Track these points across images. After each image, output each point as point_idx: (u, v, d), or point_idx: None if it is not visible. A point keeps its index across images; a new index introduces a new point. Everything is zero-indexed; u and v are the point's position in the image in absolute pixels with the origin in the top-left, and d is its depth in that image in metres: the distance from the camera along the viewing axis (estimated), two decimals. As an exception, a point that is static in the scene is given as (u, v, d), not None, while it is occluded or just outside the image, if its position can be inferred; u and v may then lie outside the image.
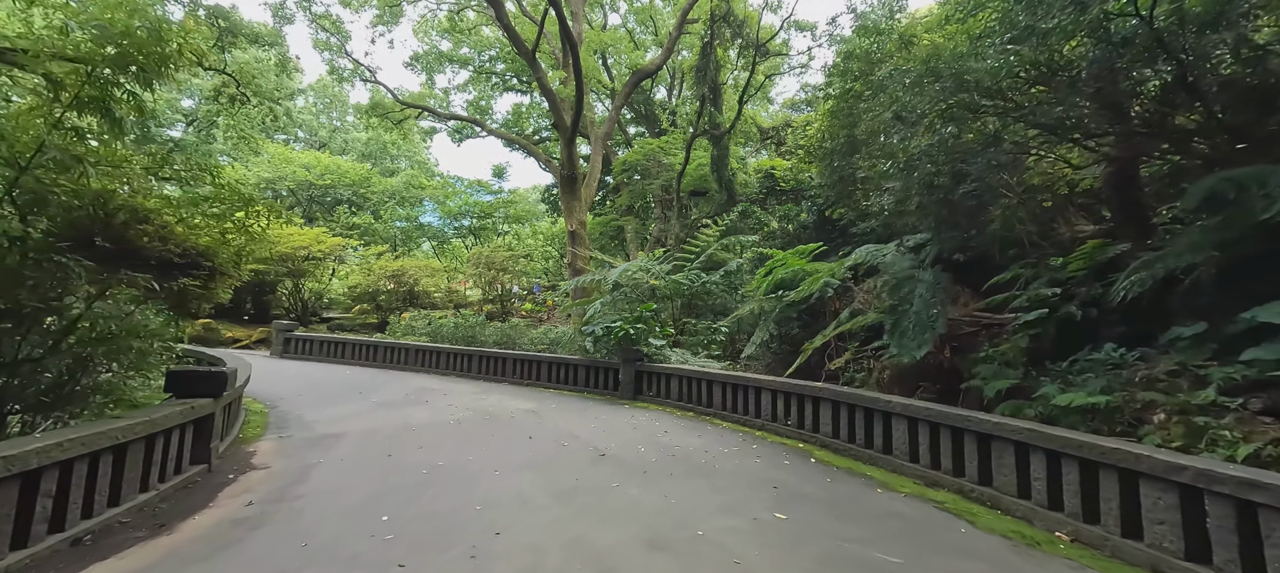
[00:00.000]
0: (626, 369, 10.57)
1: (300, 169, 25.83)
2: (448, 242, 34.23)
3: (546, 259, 31.79)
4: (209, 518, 3.96)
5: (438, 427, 7.55)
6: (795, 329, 11.55)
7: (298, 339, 15.93)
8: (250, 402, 9.24)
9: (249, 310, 21.32)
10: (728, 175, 17.82)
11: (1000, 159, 5.70)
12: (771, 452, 6.54)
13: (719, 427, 8.03)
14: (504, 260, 23.99)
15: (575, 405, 9.62)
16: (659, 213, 24.08)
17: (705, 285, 13.21)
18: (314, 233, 19.78)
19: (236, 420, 7.11)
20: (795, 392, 7.34)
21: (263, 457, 5.83)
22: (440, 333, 16.54)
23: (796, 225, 14.34)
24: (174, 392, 5.03)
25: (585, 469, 5.54)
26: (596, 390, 11.14)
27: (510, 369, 12.64)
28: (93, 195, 3.80)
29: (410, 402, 9.58)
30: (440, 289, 24.38)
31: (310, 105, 37.05)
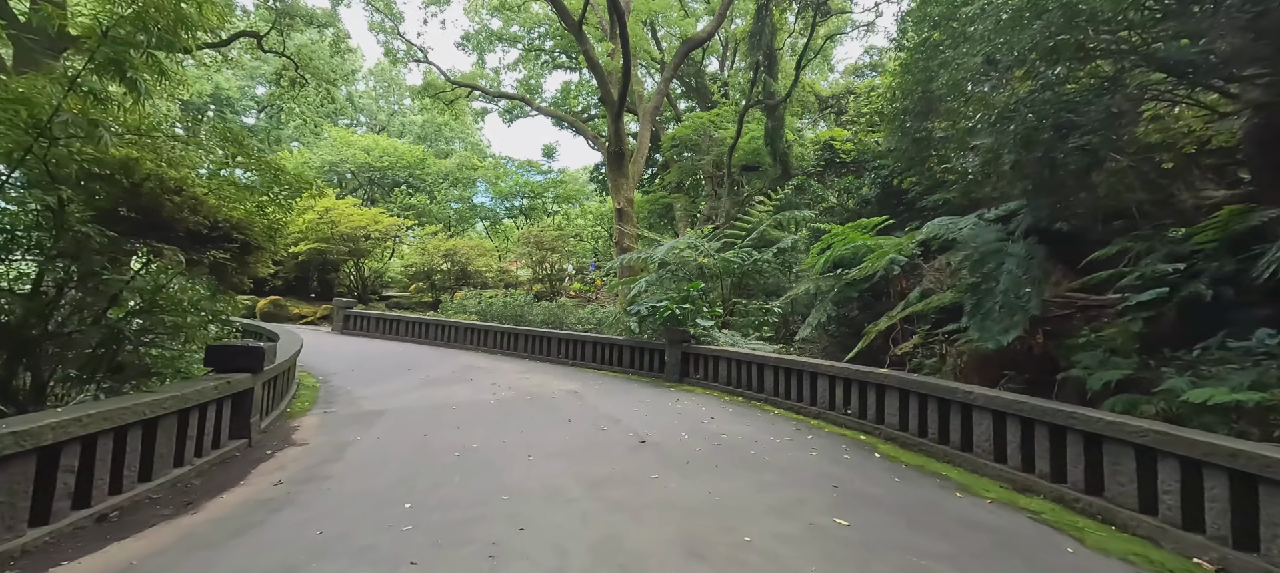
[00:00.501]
0: (672, 351, 10.13)
1: (360, 152, 26.72)
2: (499, 222, 34.78)
3: (596, 239, 31.69)
4: (236, 497, 3.86)
5: (477, 406, 7.40)
6: (855, 310, 10.71)
7: (356, 316, 16.47)
8: (305, 376, 9.49)
9: (315, 288, 22.37)
10: (782, 148, 16.82)
11: (1123, 106, 4.74)
12: (829, 444, 5.94)
13: (770, 414, 7.46)
14: (552, 240, 24.00)
15: (618, 387, 9.29)
16: (709, 190, 23.28)
17: (757, 264, 12.51)
18: (371, 214, 20.38)
19: (285, 395, 7.22)
20: (857, 378, 6.66)
21: (304, 433, 5.82)
22: (489, 312, 16.67)
23: (858, 200, 13.30)
24: (213, 366, 5.02)
25: (623, 457, 5.16)
26: (641, 372, 10.78)
27: (555, 349, 12.48)
28: (117, 164, 3.72)
29: (455, 380, 9.55)
30: (491, 269, 24.75)
31: (370, 90, 38.32)
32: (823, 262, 8.73)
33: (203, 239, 4.31)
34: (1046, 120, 4.90)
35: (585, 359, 11.86)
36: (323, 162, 26.54)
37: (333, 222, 19.17)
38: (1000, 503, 4.29)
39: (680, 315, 10.09)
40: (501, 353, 13.40)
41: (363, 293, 21.46)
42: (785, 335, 12.06)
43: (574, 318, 15.62)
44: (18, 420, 2.91)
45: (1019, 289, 5.45)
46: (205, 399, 4.34)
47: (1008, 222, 6.74)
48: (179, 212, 4.02)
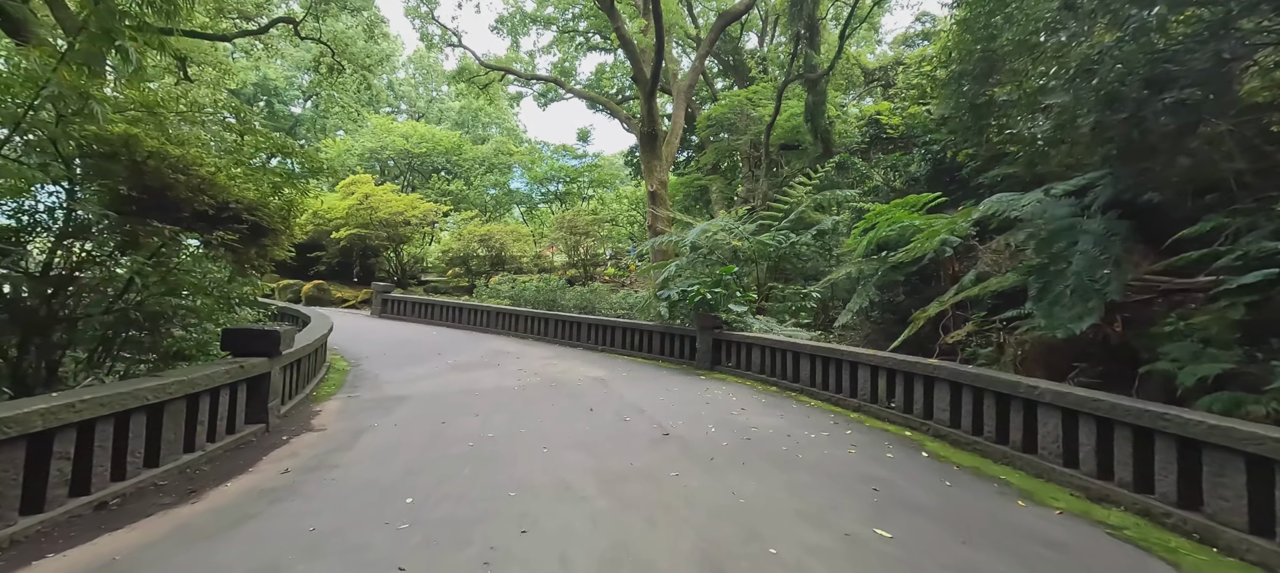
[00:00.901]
0: (703, 337, 9.72)
1: (400, 138, 27.18)
2: (535, 207, 34.90)
3: (631, 224, 31.35)
4: (240, 486, 3.75)
5: (500, 393, 7.24)
6: (900, 296, 10.01)
7: (394, 300, 16.75)
8: (337, 359, 9.59)
9: (358, 273, 22.96)
10: (824, 124, 15.95)
11: (1237, 50, 3.99)
12: (871, 440, 5.44)
13: (806, 406, 6.99)
14: (586, 225, 23.80)
15: (646, 374, 8.98)
16: (746, 171, 22.50)
17: (794, 247, 11.89)
18: (409, 199, 20.65)
19: (313, 377, 7.24)
20: (903, 369, 6.10)
21: (324, 418, 5.76)
22: (522, 296, 16.64)
23: (906, 178, 12.43)
24: (230, 350, 4.97)
25: (644, 451, 4.84)
26: (671, 359, 10.43)
27: (585, 334, 12.27)
28: (118, 141, 3.62)
29: (482, 364, 9.46)
30: (527, 254, 24.81)
31: (409, 78, 38.98)
32: (866, 243, 8.11)
33: (210, 220, 4.21)
34: (1136, 73, 4.19)
35: (615, 345, 11.61)
36: (364, 149, 27.14)
37: (372, 207, 19.53)
38: (1072, 515, 3.74)
39: (712, 300, 9.66)
40: (532, 338, 13.31)
41: (402, 278, 21.87)
42: (824, 322, 11.45)
43: (606, 303, 15.39)
44: (6, 406, 2.82)
45: (1095, 271, 4.78)
46: (216, 384, 4.26)
47: (1082, 196, 5.98)
48: (184, 191, 3.91)
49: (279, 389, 5.34)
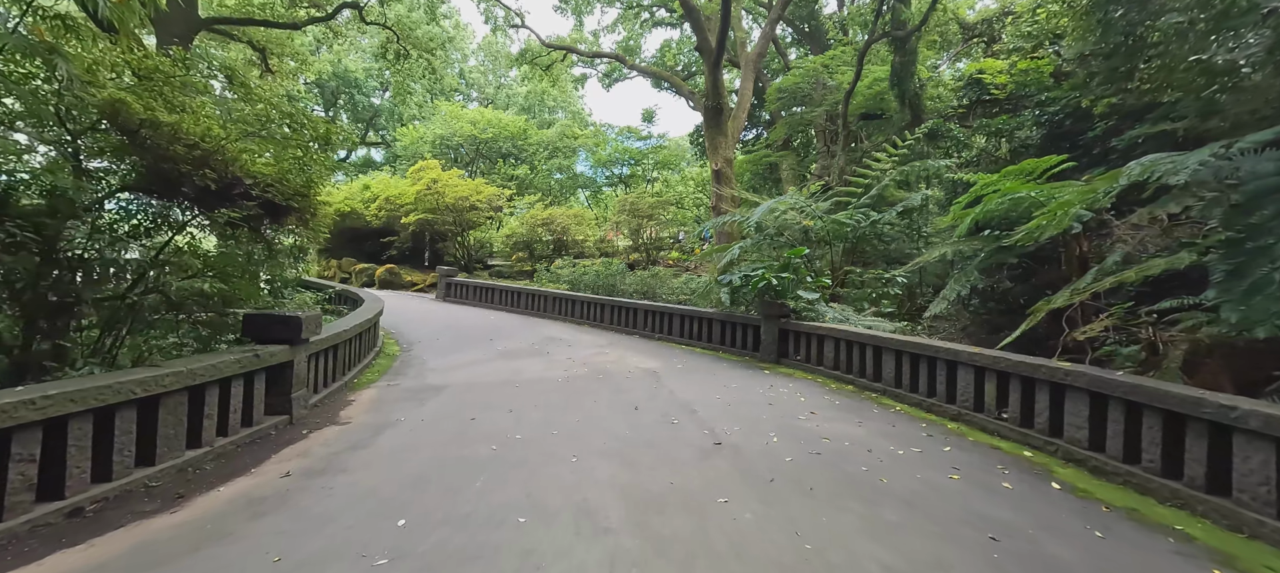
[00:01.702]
0: (768, 327, 8.74)
1: (468, 125, 27.64)
2: (600, 191, 34.61)
3: (696, 206, 30.31)
4: (232, 492, 3.38)
5: (542, 385, 6.71)
6: (1007, 281, 8.52)
7: (456, 284, 16.91)
8: (390, 343, 9.52)
9: (428, 258, 23.65)
10: (913, 88, 14.16)
11: None
12: (978, 461, 4.36)
13: (889, 410, 5.91)
14: (649, 207, 23.08)
15: (702, 367, 8.15)
16: (821, 146, 20.79)
17: (875, 226, 10.53)
18: (474, 184, 20.84)
19: (357, 364, 7.05)
20: (1019, 373, 4.89)
21: (355, 408, 5.45)
22: (581, 281, 16.24)
23: (1015, 144, 10.69)
24: (252, 336, 4.70)
25: (689, 465, 4.07)
26: (732, 350, 9.53)
27: (641, 320, 11.60)
28: (104, 106, 3.32)
29: (531, 352, 9.03)
30: (590, 238, 24.51)
31: (479, 65, 39.75)
32: (969, 220, 6.79)
33: (215, 197, 3.89)
34: None
35: (672, 333, 10.85)
36: (434, 136, 27.86)
37: (439, 192, 19.86)
38: (1304, 602, 2.58)
39: (778, 286, 8.65)
40: (588, 324, 12.83)
41: (468, 263, 22.24)
42: (910, 312, 10.08)
43: (667, 288, 14.65)
44: (-51, 403, 2.51)
45: (1322, 248, 3.41)
46: (222, 374, 3.95)
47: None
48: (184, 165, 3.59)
49: (305, 378, 5.05)
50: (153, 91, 3.55)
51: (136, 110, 3.37)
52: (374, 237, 21.40)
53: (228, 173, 3.94)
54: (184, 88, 3.96)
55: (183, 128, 3.54)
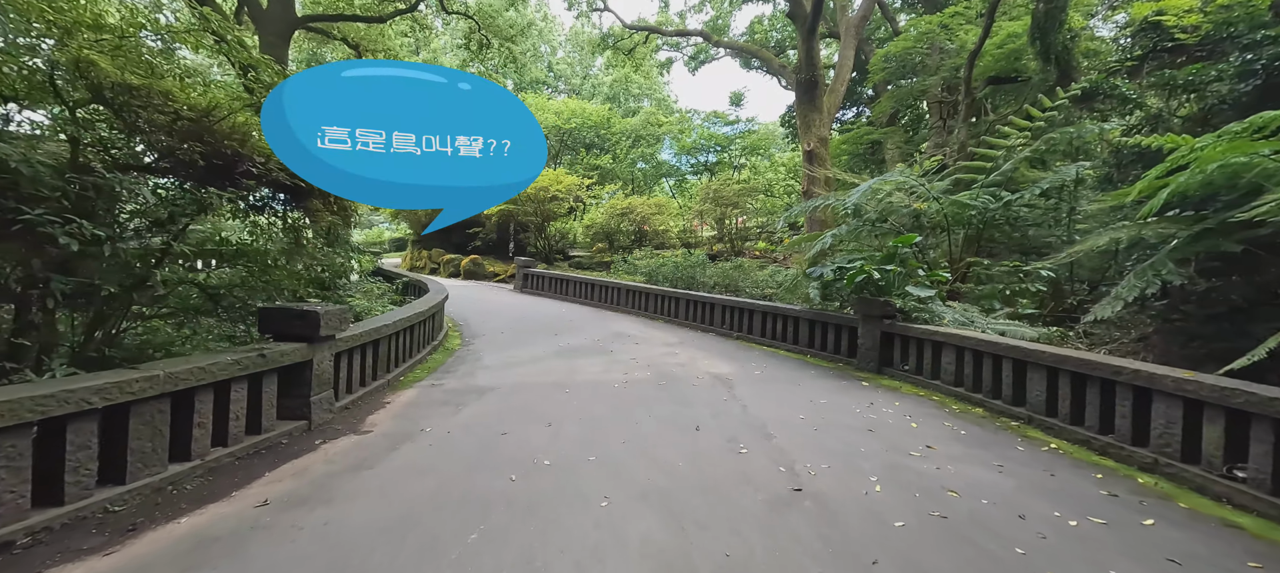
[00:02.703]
0: (868, 329, 7.31)
1: (552, 115, 27.71)
2: (684, 179, 33.49)
3: (786, 193, 28.35)
4: (190, 525, 2.86)
5: (595, 391, 5.91)
6: (1213, 279, 6.41)
7: (533, 275, 16.75)
8: (453, 337, 9.24)
9: (512, 250, 24.01)
10: (1061, 42, 11.61)
11: None
12: (1204, 541, 2.88)
13: (1041, 449, 4.40)
14: (734, 194, 21.68)
15: (785, 375, 6.93)
16: (934, 121, 18.19)
17: (1008, 209, 8.57)
18: (554, 174, 20.67)
19: (406, 359, 6.68)
20: (1273, 414, 3.27)
21: (386, 413, 4.96)
22: (659, 273, 15.40)
23: (1211, 100, 8.23)
24: (271, 332, 4.30)
25: (754, 527, 3.02)
26: (822, 355, 8.16)
27: (719, 317, 10.49)
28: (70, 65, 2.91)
29: (593, 350, 8.30)
30: (671, 228, 23.58)
31: (567, 57, 40.04)
32: (1165, 195, 4.96)
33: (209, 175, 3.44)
34: None
35: (753, 332, 9.65)
36: (520, 129, 28.27)
37: (519, 184, 19.87)
38: None
39: (881, 280, 7.20)
40: (662, 319, 11.93)
41: (548, 254, 22.19)
42: (1059, 314, 8.10)
43: (750, 281, 13.39)
44: None
45: None
46: (217, 377, 3.50)
47: None
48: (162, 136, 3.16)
49: (330, 379, 4.61)
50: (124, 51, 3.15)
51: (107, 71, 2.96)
52: (461, 228, 21.95)
53: (224, 148, 3.49)
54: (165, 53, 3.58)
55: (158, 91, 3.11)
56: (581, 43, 36.48)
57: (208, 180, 3.63)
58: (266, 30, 12.31)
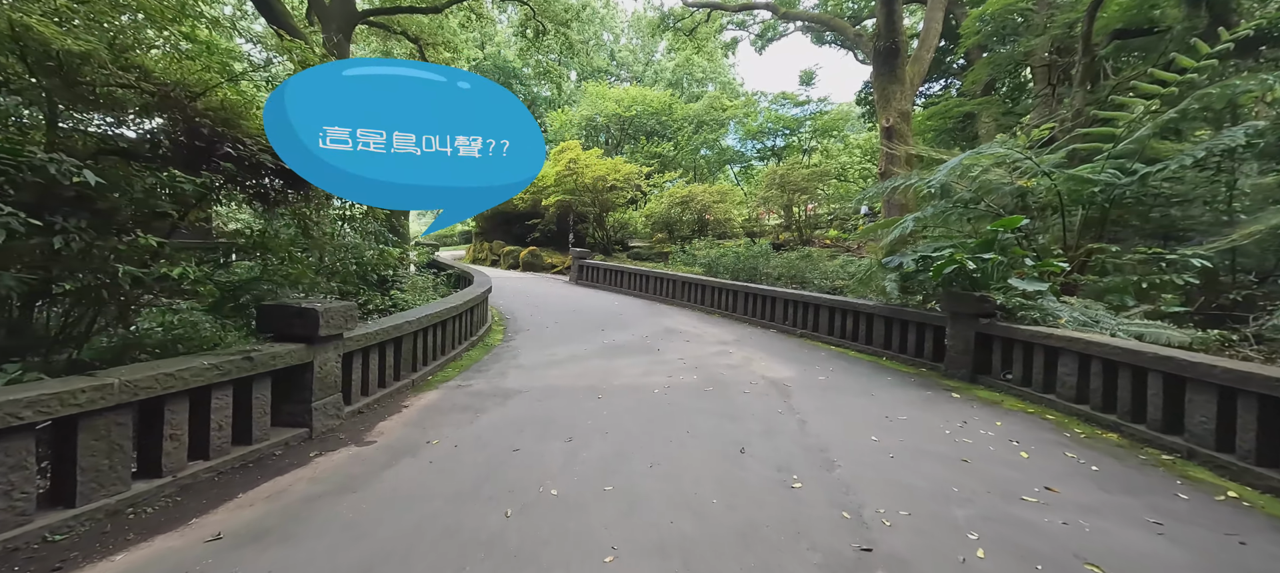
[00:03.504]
0: (958, 329, 6.15)
1: (612, 104, 27.24)
2: (749, 165, 31.98)
3: (862, 178, 26.31)
4: (121, 566, 2.47)
5: (632, 398, 5.25)
6: None
7: (588, 267, 16.35)
8: (496, 332, 8.91)
9: (571, 241, 23.85)
10: (1209, -23, 9.48)
11: None
12: None
13: (1219, 502, 3.24)
14: (802, 179, 20.18)
15: (855, 383, 5.93)
16: (1041, 88, 15.86)
17: (1145, 183, 6.95)
18: (611, 163, 20.15)
19: (438, 356, 6.34)
20: None
21: (396, 422, 4.55)
22: (719, 264, 14.47)
23: None
24: (272, 332, 3.98)
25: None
26: (901, 358, 7.04)
27: (781, 312, 9.52)
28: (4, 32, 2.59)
29: (639, 348, 7.64)
30: (735, 217, 22.43)
31: (628, 44, 39.40)
32: None
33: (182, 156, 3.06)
34: None
35: (819, 330, 8.62)
36: (581, 118, 27.98)
37: (576, 172, 19.53)
38: None
39: (976, 272, 6.01)
40: (720, 313, 11.09)
41: (607, 244, 21.77)
42: (1211, 312, 6.50)
43: (819, 273, 12.19)
44: None
45: None
46: (191, 383, 3.16)
47: None
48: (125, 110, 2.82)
49: (336, 382, 4.25)
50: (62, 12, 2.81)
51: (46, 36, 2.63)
52: (521, 220, 22.03)
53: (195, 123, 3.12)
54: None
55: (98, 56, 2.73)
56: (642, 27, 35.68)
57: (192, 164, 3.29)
58: (330, 26, 12.59)
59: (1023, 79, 19.08)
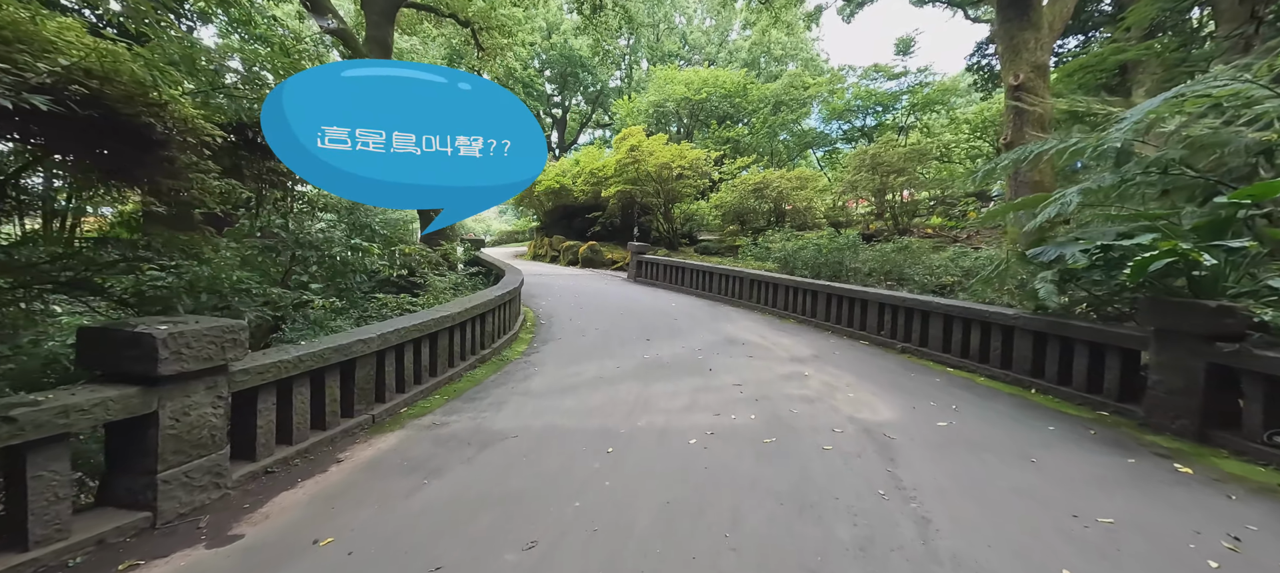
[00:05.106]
0: (1173, 356, 3.91)
1: (682, 87, 25.44)
2: (835, 149, 28.85)
3: (972, 158, 22.68)
4: None
5: (653, 454, 3.63)
6: None
7: (647, 263, 14.83)
8: (520, 340, 7.58)
9: (636, 234, 22.41)
10: None
11: None
12: None
13: None
14: (898, 160, 17.30)
15: (1000, 438, 3.87)
16: (1230, 26, 12.11)
17: None
18: (675, 149, 18.42)
19: (435, 376, 5.06)
20: None
21: (304, 492, 3.25)
22: (796, 258, 12.37)
23: None
24: (96, 366, 2.77)
25: None
26: (1062, 393, 4.82)
27: (873, 319, 7.44)
28: None
29: (686, 367, 5.98)
30: (818, 204, 19.89)
31: (700, 26, 37.20)
32: None
33: None
34: None
35: (928, 344, 6.49)
36: (648, 104, 26.42)
37: (639, 160, 18.00)
38: None
39: (1206, 269, 3.77)
40: (795, 318, 9.14)
41: (672, 238, 20.07)
42: None
43: (922, 268, 9.83)
44: None
45: None
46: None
47: None
48: None
49: (212, 438, 2.98)
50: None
51: None
52: (582, 213, 20.88)
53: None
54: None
55: None
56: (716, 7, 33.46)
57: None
58: (372, 10, 11.98)
59: (1196, 24, 15.02)
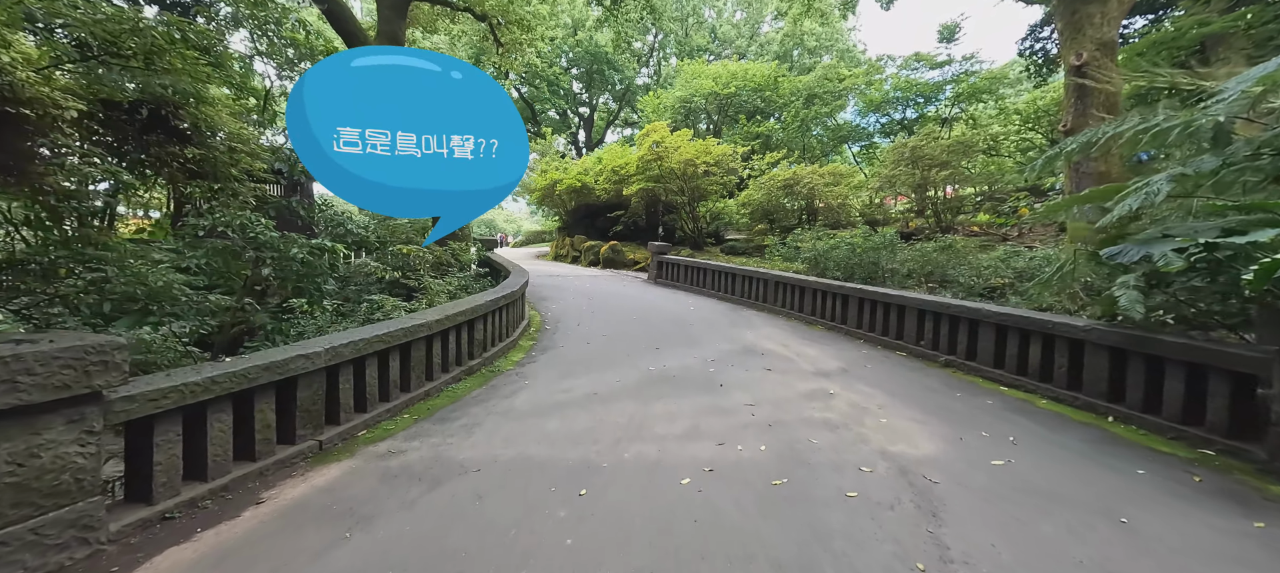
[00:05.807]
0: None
1: (709, 81, 24.61)
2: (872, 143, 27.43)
3: (1020, 149, 21.10)
4: None
5: (635, 498, 2.99)
6: None
7: (668, 264, 14.13)
8: (519, 347, 7.03)
9: (659, 233, 21.72)
10: None
11: None
12: None
13: None
14: (941, 153, 16.06)
15: (1073, 486, 3.02)
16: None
17: None
18: (700, 145, 17.65)
19: (404, 394, 4.54)
20: None
21: (194, 549, 2.73)
22: (827, 259, 11.47)
23: None
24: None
25: None
26: (1149, 423, 3.90)
27: (913, 327, 6.57)
28: None
29: (695, 383, 5.28)
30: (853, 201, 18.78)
31: (730, 19, 36.19)
32: None
33: None
34: None
35: (977, 358, 5.60)
36: (675, 99, 25.68)
37: (662, 156, 17.32)
38: None
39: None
40: (824, 324, 8.31)
41: (698, 237, 19.30)
42: None
43: (968, 270, 8.83)
44: None
45: None
46: None
47: None
48: None
49: (81, 484, 2.48)
50: None
51: None
52: (603, 212, 20.34)
53: None
54: None
55: None
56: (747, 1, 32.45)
57: None
58: (384, 2, 11.71)
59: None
